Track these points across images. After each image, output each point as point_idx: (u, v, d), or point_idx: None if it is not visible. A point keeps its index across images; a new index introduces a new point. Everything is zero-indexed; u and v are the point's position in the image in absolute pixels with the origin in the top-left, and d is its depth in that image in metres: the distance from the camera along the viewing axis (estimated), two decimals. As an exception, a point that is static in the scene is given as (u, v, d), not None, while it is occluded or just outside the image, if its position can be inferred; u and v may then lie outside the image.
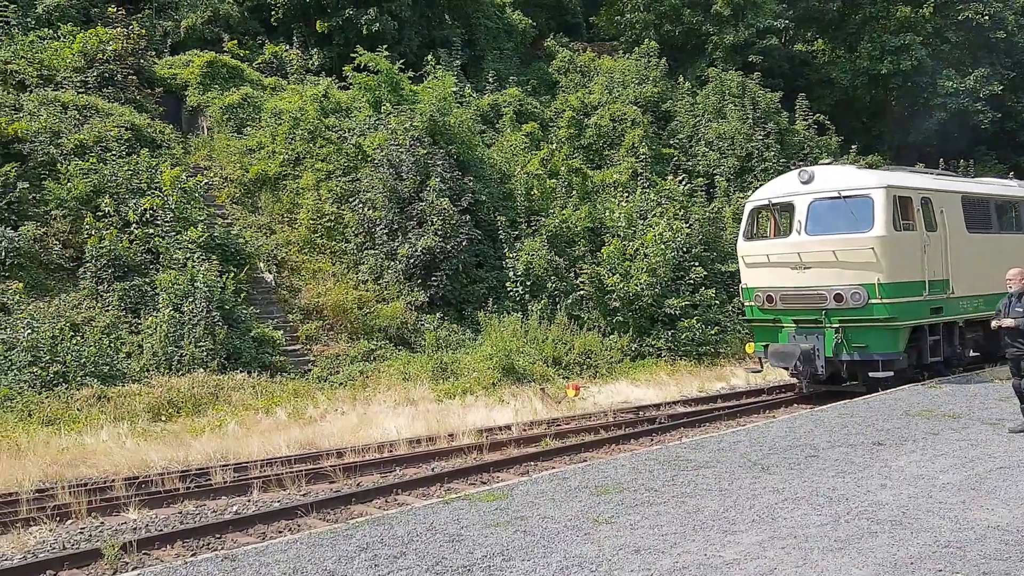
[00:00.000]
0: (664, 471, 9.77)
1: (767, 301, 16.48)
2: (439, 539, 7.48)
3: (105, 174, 21.09)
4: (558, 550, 7.04)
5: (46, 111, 22.50)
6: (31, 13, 27.99)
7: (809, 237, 15.80)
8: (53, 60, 25.21)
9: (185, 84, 27.69)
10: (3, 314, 17.68)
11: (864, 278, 15.17)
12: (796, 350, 15.51)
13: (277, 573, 6.76)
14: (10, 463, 12.31)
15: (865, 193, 15.42)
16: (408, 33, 32.04)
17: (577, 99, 32.53)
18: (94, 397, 15.95)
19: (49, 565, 8.44)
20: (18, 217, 19.78)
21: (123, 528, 9.90)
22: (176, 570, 7.01)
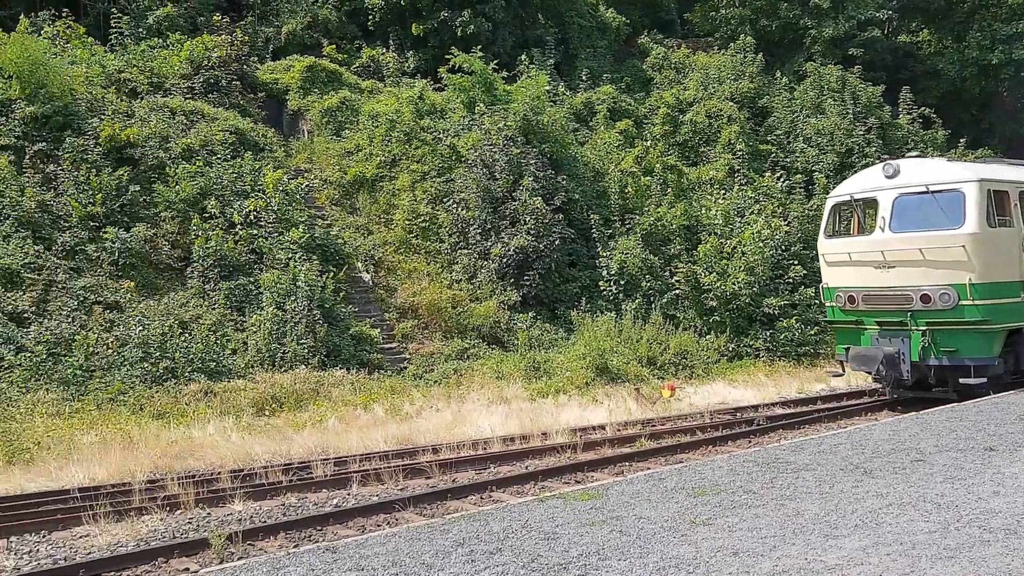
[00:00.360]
0: (763, 473, 9.59)
1: (849, 302, 15.79)
2: (534, 536, 7.51)
3: (211, 177, 21.86)
4: (654, 551, 6.98)
5: (156, 117, 23.44)
6: (143, 24, 29.20)
7: (894, 234, 15.06)
8: (162, 68, 26.24)
9: (286, 88, 28.47)
10: (116, 312, 18.50)
11: (954, 278, 14.38)
12: (879, 353, 14.87)
13: (377, 566, 6.90)
14: (123, 454, 12.89)
15: (956, 187, 14.58)
16: (502, 34, 32.23)
17: (672, 96, 32.18)
18: (201, 392, 16.56)
19: (160, 553, 8.80)
20: (130, 219, 20.67)
21: (229, 519, 10.25)
22: (280, 561, 7.22)
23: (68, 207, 20.05)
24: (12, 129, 21.25)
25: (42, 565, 8.72)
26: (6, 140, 21.01)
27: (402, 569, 6.81)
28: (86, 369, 16.74)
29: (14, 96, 21.74)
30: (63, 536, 9.80)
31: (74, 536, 9.79)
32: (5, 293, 17.84)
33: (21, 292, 18.03)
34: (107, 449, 13.10)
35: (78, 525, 10.09)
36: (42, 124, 21.63)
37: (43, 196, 20.07)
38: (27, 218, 19.44)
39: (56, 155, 21.16)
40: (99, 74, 24.64)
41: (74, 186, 20.46)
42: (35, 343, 16.96)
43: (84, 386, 16.35)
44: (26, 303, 17.81)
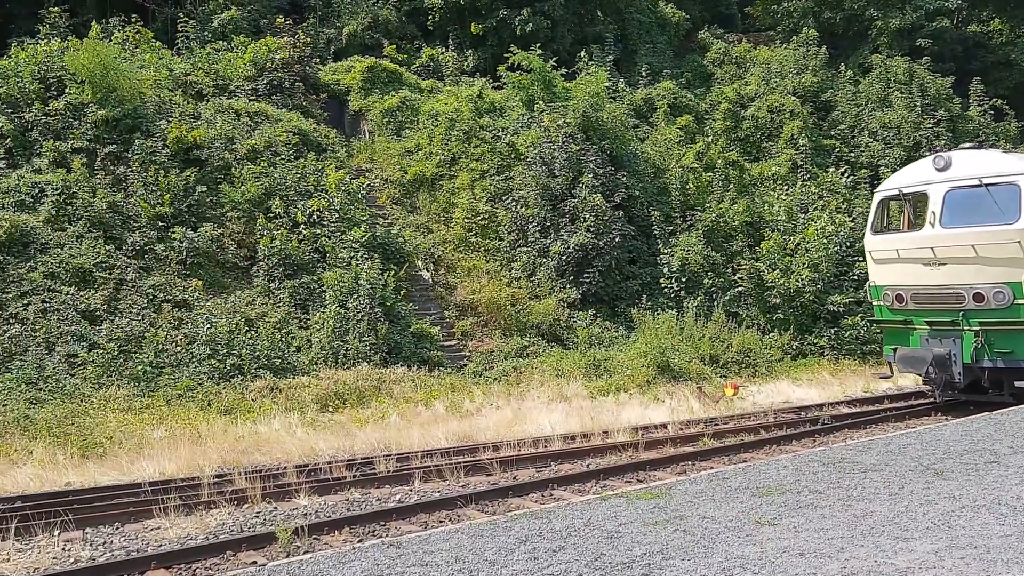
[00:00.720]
0: (829, 473, 9.42)
1: (897, 301, 15.19)
2: (597, 535, 7.48)
3: (275, 177, 22.24)
4: (719, 551, 6.91)
5: (221, 119, 23.91)
6: (208, 27, 29.83)
7: (945, 230, 14.34)
8: (227, 70, 26.77)
9: (347, 89, 28.83)
10: (185, 310, 18.94)
11: (1009, 276, 13.62)
12: (928, 355, 14.25)
13: (440, 561, 6.94)
14: (192, 449, 13.17)
15: (1011, 180, 13.73)
16: (561, 31, 32.19)
17: (733, 91, 31.81)
18: (267, 388, 16.86)
19: (228, 546, 8.96)
20: (197, 219, 21.13)
21: (294, 513, 10.41)
22: (345, 555, 7.31)
23: (138, 208, 20.58)
24: (84, 132, 21.87)
25: (116, 556, 8.96)
26: (79, 143, 21.63)
27: (465, 565, 6.84)
28: (156, 366, 17.18)
29: (86, 100, 22.38)
30: (135, 528, 10.05)
31: (145, 528, 10.03)
32: (78, 292, 18.38)
33: (93, 291, 18.56)
34: (176, 444, 13.41)
35: (149, 518, 10.33)
36: (113, 127, 22.23)
37: (114, 197, 20.62)
38: (99, 219, 19.99)
39: (126, 157, 21.73)
40: (166, 77, 25.24)
41: (143, 187, 20.99)
42: (107, 340, 17.46)
43: (154, 382, 16.79)
44: (98, 301, 18.34)
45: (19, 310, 17.71)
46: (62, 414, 14.78)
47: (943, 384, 14.58)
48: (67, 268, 18.70)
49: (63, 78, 22.88)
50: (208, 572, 8.32)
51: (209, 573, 8.26)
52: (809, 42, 33.67)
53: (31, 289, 18.14)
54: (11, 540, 9.54)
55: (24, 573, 8.44)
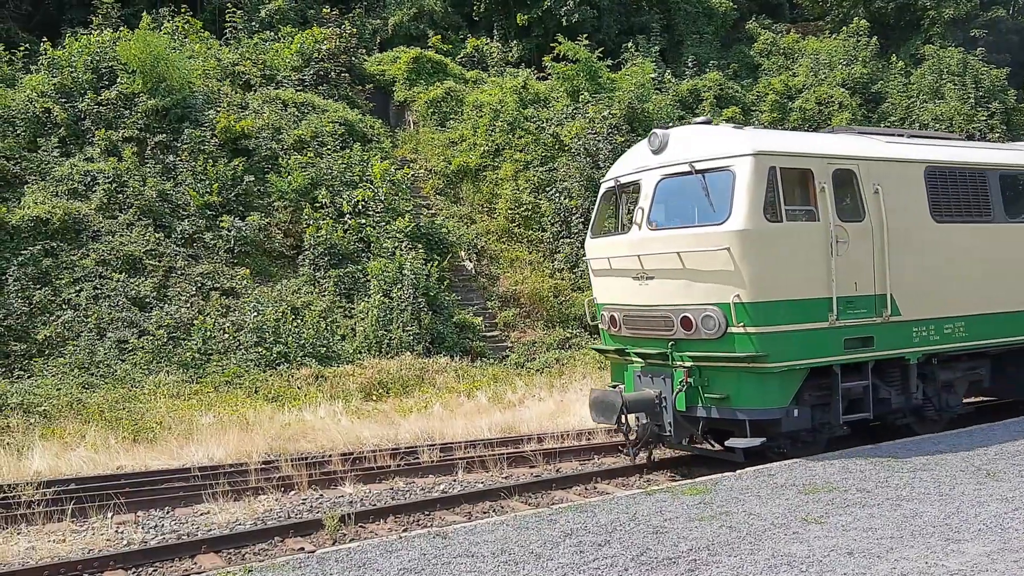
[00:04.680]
0: (876, 471, 9.32)
1: (612, 324, 11.48)
2: (642, 529, 7.48)
3: (321, 167, 22.44)
4: (765, 548, 6.88)
5: (268, 109, 24.16)
6: (255, 17, 30.13)
7: (651, 232, 10.65)
8: (274, 60, 27.03)
9: (392, 80, 28.96)
10: (232, 298, 19.21)
11: (719, 294, 9.92)
12: (616, 399, 10.48)
13: (486, 553, 6.99)
14: (239, 435, 13.37)
15: (725, 165, 10.09)
16: (607, 21, 32.02)
17: (780, 82, 31.39)
18: (312, 376, 17.05)
19: (276, 532, 9.10)
20: (245, 208, 21.39)
21: (340, 501, 10.53)
22: (392, 544, 7.39)
23: (187, 196, 20.89)
24: (135, 122, 22.23)
25: (167, 540, 9.14)
26: (130, 132, 22.00)
27: (511, 557, 6.88)
28: (204, 352, 17.46)
29: (137, 90, 22.74)
30: (185, 512, 10.24)
31: (195, 513, 10.22)
32: (129, 279, 18.73)
33: (143, 278, 18.90)
34: (224, 430, 13.61)
35: (199, 503, 10.53)
36: (162, 116, 22.58)
37: (163, 186, 20.95)
38: (148, 207, 20.34)
39: (175, 146, 22.06)
40: (215, 67, 25.55)
41: (192, 176, 21.29)
42: (156, 327, 17.78)
43: (202, 369, 17.07)
44: (148, 288, 18.67)
45: (72, 296, 18.10)
46: (113, 399, 15.11)
47: (645, 438, 10.97)
48: (118, 255, 19.06)
49: (115, 68, 23.27)
50: (257, 557, 8.45)
51: (258, 558, 8.39)
52: (859, 32, 33.12)
53: (83, 276, 18.53)
54: (67, 522, 9.78)
55: (80, 554, 8.64)
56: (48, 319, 17.56)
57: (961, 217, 11.71)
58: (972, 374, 12.18)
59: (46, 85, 22.64)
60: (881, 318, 10.65)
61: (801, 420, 10.34)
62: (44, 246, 18.69)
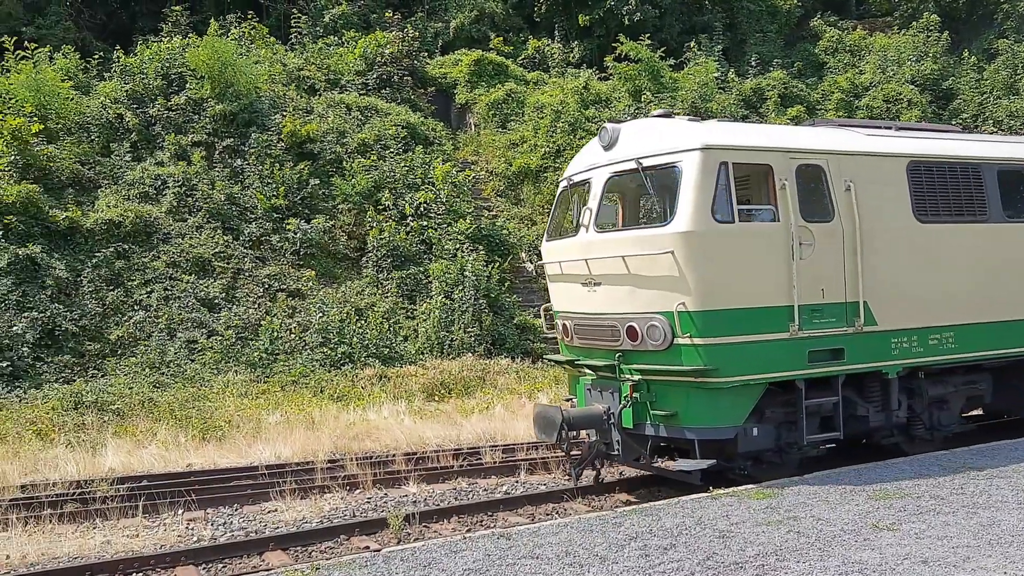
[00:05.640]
0: (950, 478, 9.08)
1: (564, 333, 10.77)
2: (708, 534, 7.40)
3: (384, 170, 22.68)
4: (835, 554, 6.74)
5: (333, 113, 24.50)
6: (320, 23, 30.59)
7: (598, 235, 9.91)
8: (338, 65, 27.40)
9: (454, 82, 29.13)
10: (298, 299, 19.52)
11: (664, 302, 9.09)
12: (557, 415, 9.58)
13: (551, 555, 6.98)
14: (305, 434, 13.57)
15: (671, 161, 9.24)
16: (669, 21, 31.80)
17: (846, 80, 30.80)
18: (376, 377, 17.24)
19: (342, 530, 9.21)
20: (310, 211, 21.72)
21: (404, 500, 10.62)
22: (456, 544, 7.42)
23: (254, 199, 21.28)
24: (204, 126, 22.72)
25: (236, 537, 9.32)
26: (199, 136, 22.50)
27: (575, 560, 6.86)
28: (271, 352, 17.78)
29: (206, 95, 23.24)
30: (253, 510, 10.43)
31: (263, 511, 10.39)
32: (198, 280, 19.15)
33: (212, 279, 19.31)
34: (291, 429, 13.84)
35: (266, 500, 10.71)
36: (230, 121, 23.04)
37: (231, 189, 21.38)
38: (217, 210, 20.77)
39: (242, 150, 22.50)
40: (280, 72, 25.99)
41: (259, 180, 21.69)
42: (225, 328, 18.15)
43: (269, 368, 17.38)
44: (217, 290, 19.07)
45: (143, 297, 18.57)
46: (183, 398, 15.45)
47: (591, 456, 10.14)
48: (188, 257, 19.51)
49: (184, 74, 23.82)
50: (323, 555, 8.56)
51: (324, 556, 8.50)
52: (930, 27, 32.34)
53: (154, 277, 19.00)
54: (139, 517, 10.05)
55: (152, 549, 8.85)
56: (120, 320, 18.04)
57: (951, 217, 10.55)
58: (969, 389, 11.06)
59: (119, 92, 23.27)
60: (853, 328, 9.62)
61: (762, 439, 9.43)
62: (117, 248, 19.21)
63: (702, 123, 9.88)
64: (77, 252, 18.97)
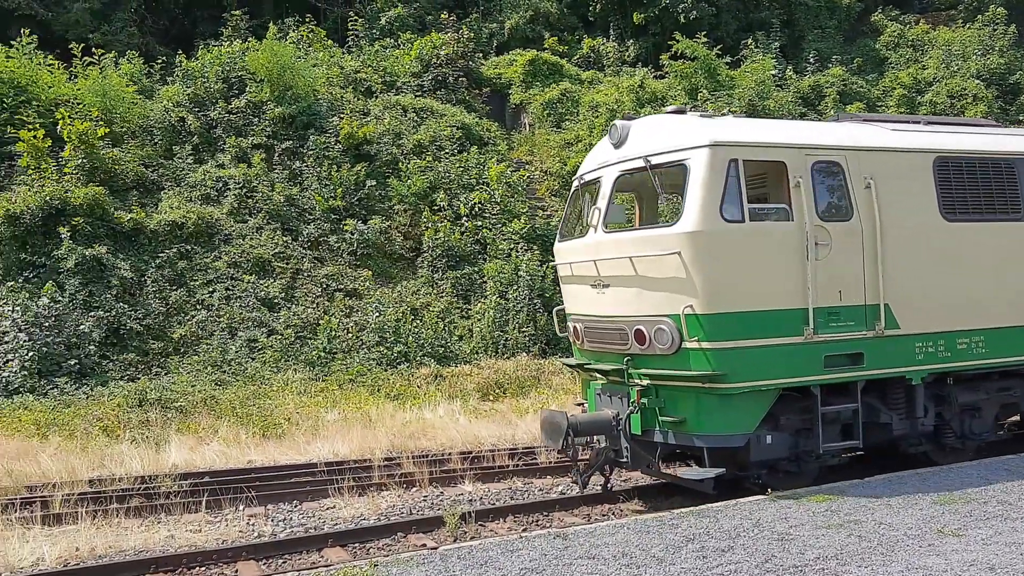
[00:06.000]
0: (1019, 483, 8.86)
1: (575, 336, 10.56)
2: (767, 536, 7.32)
3: (439, 171, 22.83)
4: (899, 559, 6.62)
5: (389, 114, 24.73)
6: (376, 25, 30.91)
7: (606, 235, 9.62)
8: (394, 67, 27.65)
9: (509, 83, 29.19)
10: (355, 299, 19.76)
11: (671, 304, 8.81)
12: (563, 421, 9.38)
13: (607, 556, 6.97)
14: (363, 432, 13.72)
15: (679, 158, 8.98)
16: (725, 18, 31.48)
17: (908, 76, 30.17)
18: (431, 376, 17.37)
19: (399, 528, 9.29)
20: (367, 212, 21.96)
21: (460, 499, 10.67)
22: (512, 543, 7.45)
23: (312, 201, 21.58)
24: (264, 129, 23.12)
25: (295, 533, 9.47)
26: (258, 139, 22.89)
27: (632, 560, 6.84)
28: (329, 351, 18.03)
29: (265, 98, 23.64)
30: (312, 507, 10.58)
31: (322, 507, 10.54)
32: (258, 280, 19.49)
33: (272, 280, 19.64)
34: (348, 427, 14.00)
35: (325, 497, 10.86)
36: (289, 124, 23.39)
37: (290, 191, 21.71)
38: (276, 211, 21.11)
39: (301, 152, 22.83)
40: (338, 75, 26.31)
41: (317, 181, 22.00)
42: (284, 327, 18.45)
43: (327, 367, 17.62)
44: (276, 290, 19.39)
45: (205, 297, 18.95)
46: (244, 395, 15.73)
47: (600, 464, 9.91)
48: (248, 258, 19.86)
49: (244, 78, 24.25)
50: (381, 552, 8.64)
51: (382, 553, 8.58)
52: (996, 20, 31.53)
53: (216, 277, 19.38)
54: (202, 513, 10.26)
55: (215, 544, 9.04)
56: (183, 319, 18.43)
57: (981, 215, 10.03)
58: (1004, 396, 10.53)
59: (181, 95, 23.78)
60: (873, 332, 9.21)
61: (776, 447, 9.07)
62: (180, 249, 19.63)
63: (713, 119, 9.52)
64: (141, 253, 19.44)
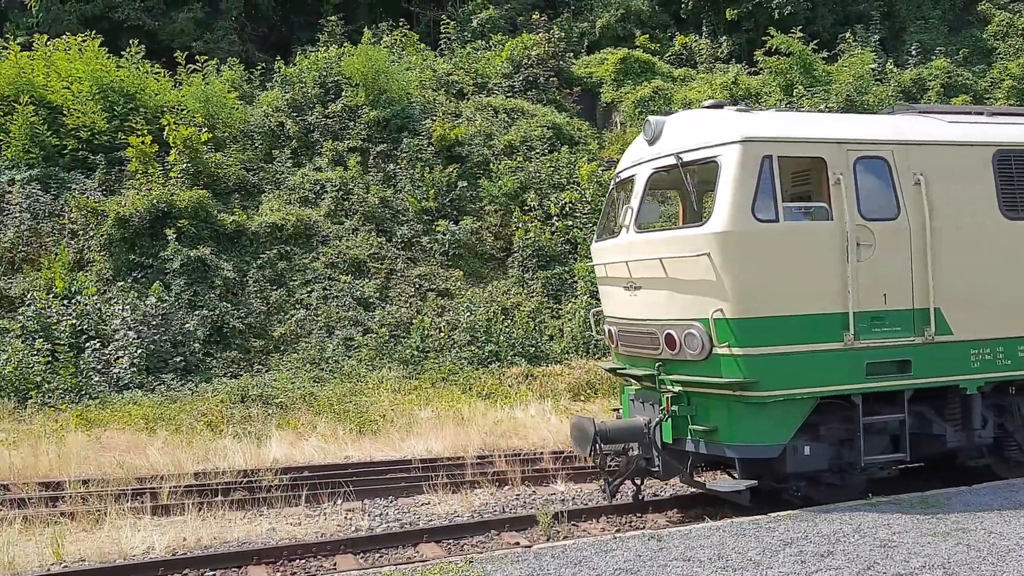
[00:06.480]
0: None
1: (610, 339, 10.30)
2: (868, 542, 7.14)
3: (530, 171, 22.92)
4: (1010, 570, 6.38)
5: (480, 116, 24.94)
6: (467, 28, 31.19)
7: (638, 235, 9.29)
8: (485, 68, 27.86)
9: (600, 81, 29.08)
10: (447, 299, 20.00)
11: (700, 308, 8.47)
12: (589, 427, 9.05)
13: (703, 558, 6.90)
14: (455, 430, 13.90)
15: (710, 155, 8.61)
16: (821, 12, 30.71)
17: (1019, 67, 28.89)
18: (522, 375, 17.46)
19: (493, 526, 9.39)
20: (458, 213, 22.20)
21: (552, 498, 10.71)
22: (606, 544, 7.45)
23: (405, 202, 21.93)
24: (359, 132, 23.60)
25: (391, 528, 9.66)
26: (354, 142, 23.37)
27: (728, 563, 6.77)
28: (422, 350, 18.30)
29: (360, 102, 24.12)
30: (407, 502, 10.77)
31: (416, 503, 10.72)
32: (354, 280, 19.90)
33: (367, 280, 20.03)
34: (441, 424, 14.20)
35: (419, 493, 11.04)
36: (383, 127, 23.82)
37: (384, 193, 22.10)
38: (371, 213, 21.52)
39: (395, 155, 23.22)
40: (430, 78, 26.66)
41: (410, 183, 22.35)
42: (379, 326, 18.81)
43: (420, 366, 17.89)
44: (371, 289, 19.77)
45: (303, 296, 19.46)
46: (341, 393, 16.11)
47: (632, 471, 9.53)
48: (344, 258, 20.32)
49: (340, 82, 24.80)
50: (475, 549, 8.75)
51: (476, 550, 8.69)
52: (1114, 7, 29.99)
53: (314, 278, 19.88)
54: (301, 506, 10.55)
55: (314, 537, 9.28)
56: (283, 318, 18.95)
57: None
58: None
59: (280, 100, 24.46)
60: (922, 338, 8.70)
61: (815, 459, 8.64)
62: (279, 250, 20.20)
63: (749, 114, 9.13)
64: (243, 254, 20.06)
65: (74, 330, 17.29)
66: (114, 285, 18.63)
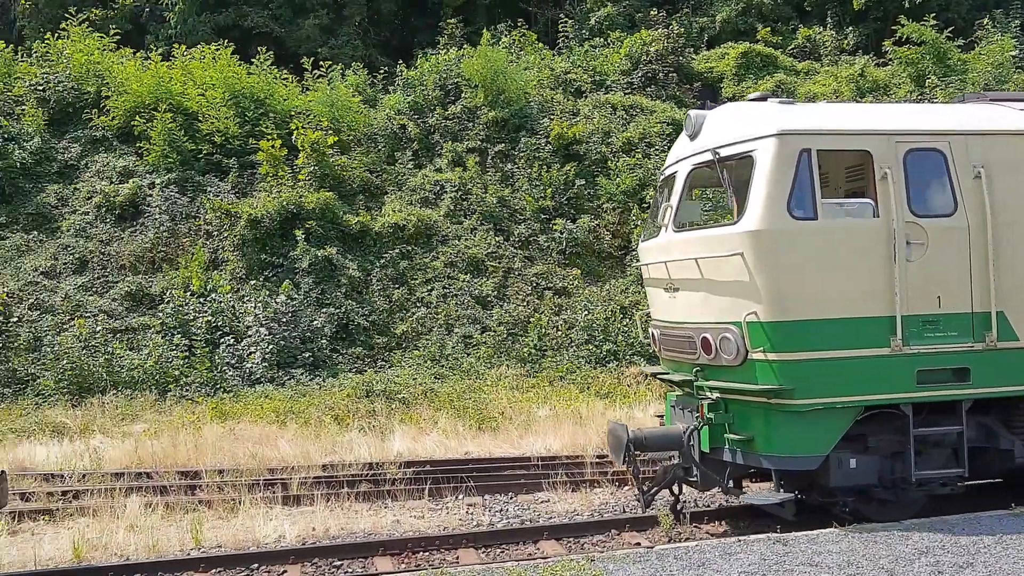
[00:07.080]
0: None
1: (654, 344, 9.92)
2: (1012, 554, 6.79)
3: (648, 168, 22.69)
4: None
5: (598, 113, 24.86)
6: (585, 26, 31.15)
7: (676, 235, 8.88)
8: (603, 66, 27.75)
9: (720, 76, 28.56)
10: (564, 297, 20.04)
11: (734, 310, 8.01)
12: (623, 435, 8.70)
13: (831, 564, 6.71)
14: (574, 429, 13.90)
15: (746, 150, 8.11)
16: (956, -2, 29.36)
17: None
18: (640, 375, 17.31)
19: (613, 525, 9.35)
20: (576, 211, 22.20)
21: (672, 500, 10.58)
22: (731, 546, 7.33)
23: (523, 202, 22.08)
24: (478, 133, 23.89)
25: (511, 524, 9.74)
26: (472, 143, 23.67)
27: (858, 571, 6.56)
28: (539, 349, 18.41)
29: (479, 103, 24.41)
30: (527, 499, 10.84)
31: (536, 500, 10.78)
32: (473, 279, 20.17)
33: (485, 278, 20.27)
34: (559, 423, 14.23)
35: (539, 491, 11.11)
36: (501, 127, 24.03)
37: (502, 192, 22.31)
38: (489, 212, 21.77)
39: (512, 154, 23.40)
40: (548, 77, 26.73)
41: (528, 182, 22.49)
42: (497, 324, 19.01)
43: (538, 364, 18.01)
44: (489, 288, 20.00)
45: (424, 295, 19.84)
46: (460, 389, 16.37)
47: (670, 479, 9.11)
48: (463, 257, 20.62)
49: (459, 84, 25.15)
50: (596, 548, 8.74)
51: (597, 549, 8.68)
52: None
53: (434, 276, 20.25)
54: (424, 500, 10.77)
55: (436, 531, 9.46)
56: (405, 315, 19.39)
57: None
58: None
59: (402, 103, 24.99)
60: (982, 344, 7.98)
61: (862, 472, 8.04)
62: (401, 250, 20.66)
63: (790, 106, 8.55)
64: (367, 253, 20.61)
65: (209, 326, 18.14)
66: (246, 284, 19.43)
